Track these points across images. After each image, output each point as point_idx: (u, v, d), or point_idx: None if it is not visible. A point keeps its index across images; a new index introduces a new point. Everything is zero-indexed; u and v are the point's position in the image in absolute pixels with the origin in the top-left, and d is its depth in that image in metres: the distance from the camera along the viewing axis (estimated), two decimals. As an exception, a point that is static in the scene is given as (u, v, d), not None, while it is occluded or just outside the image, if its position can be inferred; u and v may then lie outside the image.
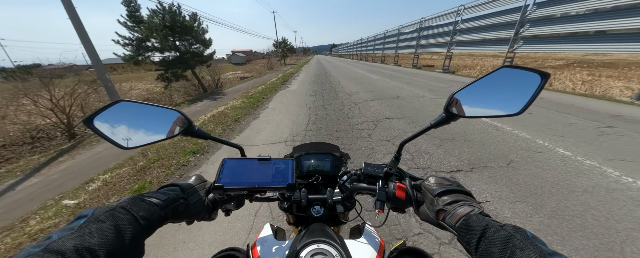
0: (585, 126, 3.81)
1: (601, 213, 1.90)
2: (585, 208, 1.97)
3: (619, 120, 4.09)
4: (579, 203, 2.02)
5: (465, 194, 0.48)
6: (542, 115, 4.47)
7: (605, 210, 1.93)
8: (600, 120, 4.06)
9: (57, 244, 0.28)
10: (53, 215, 2.40)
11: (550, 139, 3.34)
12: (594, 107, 4.93)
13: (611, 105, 5.12)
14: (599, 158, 2.74)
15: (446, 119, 0.54)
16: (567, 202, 2.05)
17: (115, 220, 0.34)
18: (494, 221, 0.37)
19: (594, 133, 3.48)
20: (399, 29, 20.66)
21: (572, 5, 7.00)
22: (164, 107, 0.56)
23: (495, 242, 0.33)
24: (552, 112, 4.64)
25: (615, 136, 3.38)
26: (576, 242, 1.66)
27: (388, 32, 23.81)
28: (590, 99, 5.83)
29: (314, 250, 0.50)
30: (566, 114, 4.50)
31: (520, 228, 0.34)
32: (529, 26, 8.50)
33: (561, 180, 2.36)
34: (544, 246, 0.31)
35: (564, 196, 2.12)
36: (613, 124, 3.88)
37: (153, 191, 0.47)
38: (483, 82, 0.51)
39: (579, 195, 2.12)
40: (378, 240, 0.71)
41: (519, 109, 0.48)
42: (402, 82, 9.54)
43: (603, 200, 2.04)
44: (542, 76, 0.45)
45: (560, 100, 5.61)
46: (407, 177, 0.59)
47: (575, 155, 2.86)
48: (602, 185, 2.26)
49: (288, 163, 0.58)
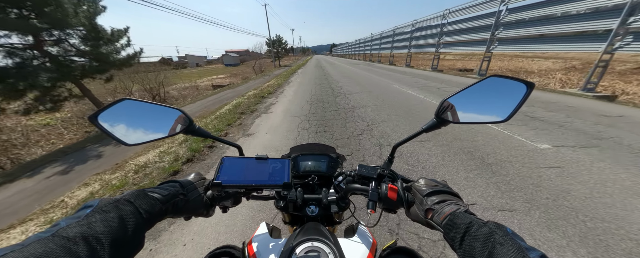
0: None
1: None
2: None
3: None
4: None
5: (453, 195, 0.50)
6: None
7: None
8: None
9: (66, 231, 0.29)
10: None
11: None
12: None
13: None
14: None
15: (437, 124, 0.56)
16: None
17: (120, 211, 0.36)
18: (478, 219, 0.40)
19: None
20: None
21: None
22: (166, 106, 0.58)
23: (477, 238, 0.36)
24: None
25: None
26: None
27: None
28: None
29: (308, 248, 0.51)
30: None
31: (501, 225, 0.37)
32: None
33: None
34: (522, 242, 0.33)
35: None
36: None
37: (155, 186, 0.48)
38: (473, 89, 0.53)
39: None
40: (371, 240, 0.73)
41: (506, 116, 0.51)
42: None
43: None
44: (528, 86, 0.47)
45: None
46: (399, 178, 0.62)
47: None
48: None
49: (284, 163, 0.60)
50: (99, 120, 0.49)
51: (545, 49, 8.45)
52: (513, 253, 0.31)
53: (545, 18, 7.97)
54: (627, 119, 4.21)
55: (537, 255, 0.31)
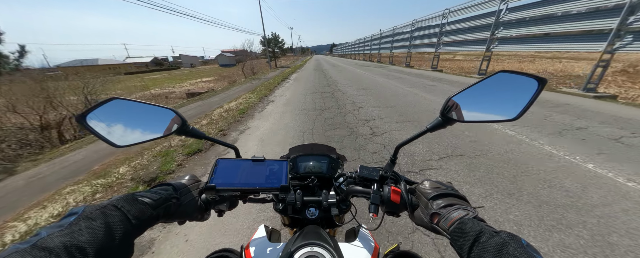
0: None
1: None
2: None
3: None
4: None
5: (460, 198, 0.47)
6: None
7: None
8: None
9: (46, 241, 0.27)
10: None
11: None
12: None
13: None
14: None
15: (442, 123, 0.54)
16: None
17: (106, 218, 0.34)
18: (488, 226, 0.37)
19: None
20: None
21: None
22: (158, 105, 0.56)
23: (488, 248, 0.33)
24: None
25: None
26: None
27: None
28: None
29: (307, 253, 0.49)
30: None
31: (516, 235, 0.34)
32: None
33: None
34: (538, 255, 0.31)
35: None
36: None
37: (146, 190, 0.46)
38: (480, 86, 0.51)
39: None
40: (373, 244, 0.71)
41: (516, 114, 0.48)
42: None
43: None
44: (539, 81, 0.45)
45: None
46: (402, 180, 0.59)
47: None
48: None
49: (282, 165, 0.57)
50: (87, 121, 0.47)
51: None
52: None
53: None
54: None
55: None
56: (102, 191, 2.77)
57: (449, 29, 13.08)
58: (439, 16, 13.54)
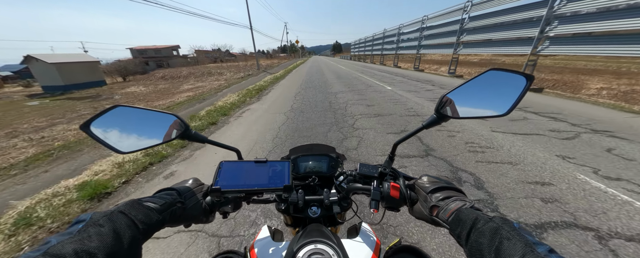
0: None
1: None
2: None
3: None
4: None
5: (457, 191, 0.50)
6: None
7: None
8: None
9: (57, 248, 0.28)
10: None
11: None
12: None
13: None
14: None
15: (437, 119, 0.56)
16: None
17: (114, 224, 0.34)
18: (484, 214, 0.39)
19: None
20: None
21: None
22: (161, 111, 0.57)
23: (484, 233, 0.35)
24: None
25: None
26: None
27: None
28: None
29: (311, 251, 0.50)
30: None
31: (508, 220, 0.36)
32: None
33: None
34: (529, 236, 0.33)
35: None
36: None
37: (151, 195, 0.47)
38: (472, 83, 0.53)
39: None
40: (374, 239, 0.73)
41: (506, 109, 0.50)
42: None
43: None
44: (527, 78, 0.47)
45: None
46: (401, 176, 0.61)
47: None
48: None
49: (284, 165, 0.59)
50: (92, 129, 0.48)
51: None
52: (520, 248, 0.31)
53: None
54: None
55: (545, 250, 0.30)
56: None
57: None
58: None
